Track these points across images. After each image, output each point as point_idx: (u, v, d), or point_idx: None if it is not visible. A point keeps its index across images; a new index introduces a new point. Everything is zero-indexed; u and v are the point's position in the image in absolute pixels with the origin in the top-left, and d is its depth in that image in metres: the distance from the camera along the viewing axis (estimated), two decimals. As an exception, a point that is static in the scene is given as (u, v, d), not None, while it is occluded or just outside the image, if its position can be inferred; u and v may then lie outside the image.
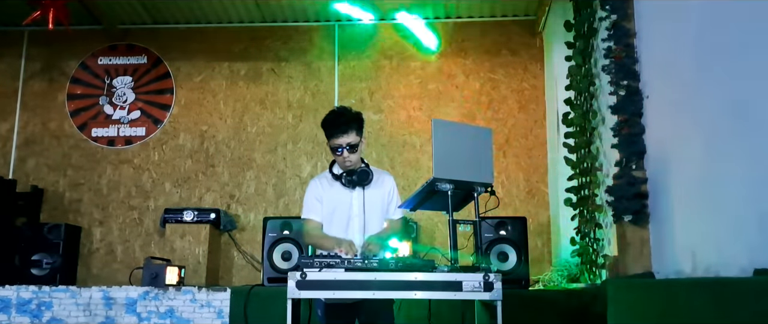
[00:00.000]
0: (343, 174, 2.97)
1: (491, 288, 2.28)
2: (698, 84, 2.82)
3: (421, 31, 5.84)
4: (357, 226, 2.93)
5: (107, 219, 5.76)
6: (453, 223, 2.50)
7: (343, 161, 2.95)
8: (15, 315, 4.04)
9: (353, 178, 2.95)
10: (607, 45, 3.67)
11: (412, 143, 5.72)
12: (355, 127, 2.95)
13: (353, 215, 2.95)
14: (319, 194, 3.00)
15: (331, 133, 2.93)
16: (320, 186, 3.02)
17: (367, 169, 2.98)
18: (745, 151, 2.39)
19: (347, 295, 2.35)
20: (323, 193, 3.00)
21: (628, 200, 3.38)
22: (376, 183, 3.00)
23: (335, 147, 2.91)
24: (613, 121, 3.60)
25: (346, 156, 2.92)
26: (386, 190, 3.04)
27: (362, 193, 2.97)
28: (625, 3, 3.66)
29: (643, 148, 3.42)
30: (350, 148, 2.91)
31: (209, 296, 4.00)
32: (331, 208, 2.97)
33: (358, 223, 2.94)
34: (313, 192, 3.03)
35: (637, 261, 3.35)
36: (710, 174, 2.70)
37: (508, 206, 5.45)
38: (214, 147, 5.86)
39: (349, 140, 2.91)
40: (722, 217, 2.57)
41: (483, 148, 2.62)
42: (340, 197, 2.98)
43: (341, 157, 2.93)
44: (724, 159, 2.57)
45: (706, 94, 2.74)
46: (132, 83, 6.04)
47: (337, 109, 3.04)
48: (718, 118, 2.63)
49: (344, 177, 2.96)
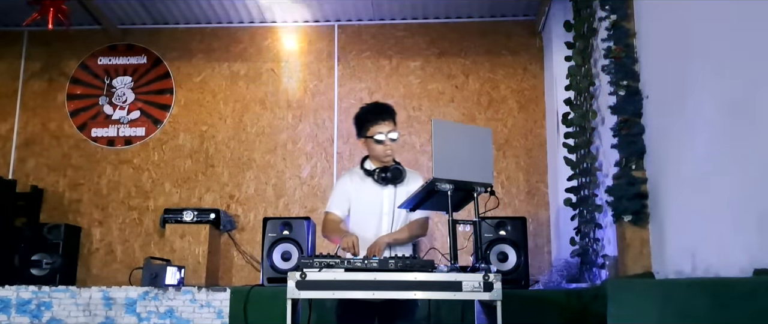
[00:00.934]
0: (376, 170, 2.94)
1: (491, 288, 2.28)
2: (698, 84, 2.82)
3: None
4: (386, 224, 2.90)
5: (107, 219, 5.76)
6: (453, 223, 2.50)
7: (383, 150, 2.90)
8: (15, 315, 4.04)
9: (387, 175, 2.90)
10: (607, 45, 3.67)
11: (412, 143, 5.72)
12: (395, 116, 2.95)
13: (384, 213, 2.92)
14: (349, 190, 2.96)
15: (376, 119, 2.91)
16: (351, 181, 2.98)
17: (401, 167, 2.95)
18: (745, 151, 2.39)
19: (347, 294, 2.35)
20: (354, 188, 2.96)
21: (628, 200, 3.38)
22: (408, 182, 2.96)
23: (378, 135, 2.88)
24: (613, 121, 3.60)
25: (387, 144, 2.89)
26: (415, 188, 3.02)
27: (394, 191, 2.92)
28: (625, 3, 3.66)
29: (643, 148, 3.42)
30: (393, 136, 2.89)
31: (209, 296, 3.99)
32: (361, 204, 2.93)
33: (387, 221, 2.91)
34: (342, 187, 2.99)
35: (637, 261, 3.35)
36: (710, 174, 2.69)
37: (508, 206, 5.45)
38: (213, 147, 5.86)
39: (390, 127, 2.89)
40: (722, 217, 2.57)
41: (483, 148, 2.62)
42: (371, 194, 2.93)
43: (382, 146, 2.89)
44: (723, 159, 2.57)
45: (706, 94, 2.74)
46: (132, 83, 6.04)
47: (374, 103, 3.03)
48: (717, 118, 2.63)
49: (377, 173, 2.92)
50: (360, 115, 2.99)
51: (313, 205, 5.65)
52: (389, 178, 2.90)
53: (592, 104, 4.26)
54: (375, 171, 2.93)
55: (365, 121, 2.96)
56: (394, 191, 2.93)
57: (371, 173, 2.94)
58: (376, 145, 2.92)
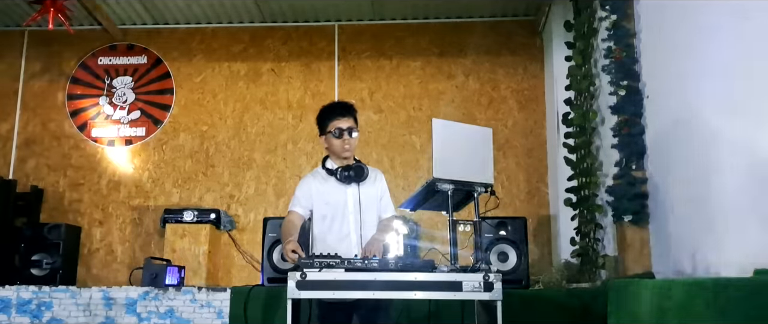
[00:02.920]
0: (338, 169, 2.93)
1: (491, 288, 2.28)
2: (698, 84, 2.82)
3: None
4: (353, 223, 2.88)
5: (107, 219, 5.76)
6: (453, 223, 2.50)
7: (342, 145, 2.89)
8: (15, 315, 4.04)
9: (349, 173, 2.88)
10: (607, 45, 3.68)
11: (412, 143, 5.72)
12: (355, 114, 2.95)
13: (349, 212, 2.90)
14: (311, 189, 2.93)
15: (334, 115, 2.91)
16: (314, 180, 2.96)
17: (362, 165, 2.93)
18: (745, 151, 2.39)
19: (348, 295, 2.35)
20: (316, 188, 2.93)
21: (628, 200, 3.39)
22: (370, 179, 2.94)
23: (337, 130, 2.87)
24: (613, 121, 3.60)
25: (346, 139, 2.89)
26: (379, 186, 2.99)
27: (357, 189, 2.90)
28: (625, 3, 3.66)
29: (643, 148, 3.43)
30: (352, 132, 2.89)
31: (209, 296, 3.99)
32: (325, 204, 2.90)
33: (355, 220, 2.88)
34: (304, 186, 2.96)
35: (637, 261, 3.36)
36: (710, 174, 2.70)
37: (508, 206, 5.44)
38: (214, 147, 5.86)
39: (350, 124, 2.90)
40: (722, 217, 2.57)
41: (483, 148, 2.62)
42: (334, 193, 2.91)
43: (342, 141, 2.88)
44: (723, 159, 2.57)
45: (706, 94, 2.74)
46: (132, 83, 6.04)
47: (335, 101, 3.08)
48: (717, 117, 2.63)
49: (340, 172, 2.90)
50: (321, 113, 3.00)
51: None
52: (352, 176, 2.89)
53: (592, 104, 4.26)
54: (337, 170, 2.92)
55: (325, 117, 2.96)
56: (358, 189, 2.91)
57: (334, 172, 2.93)
58: (334, 140, 2.91)
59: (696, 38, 2.84)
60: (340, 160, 2.96)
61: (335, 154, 2.96)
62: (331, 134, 2.91)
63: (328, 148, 3.00)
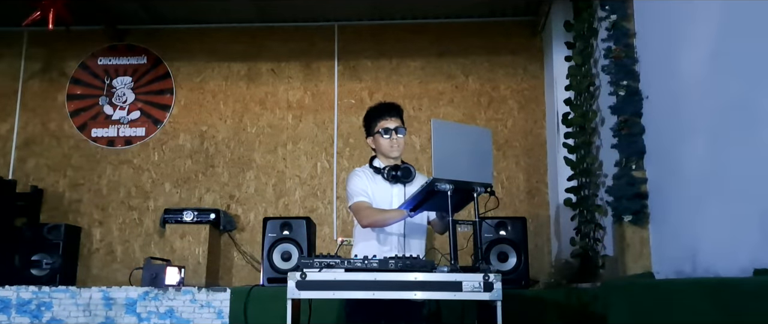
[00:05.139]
0: (386, 168, 2.94)
1: (491, 288, 2.28)
2: (698, 84, 2.82)
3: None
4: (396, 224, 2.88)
5: (107, 219, 5.76)
6: (453, 223, 2.50)
7: (390, 144, 2.94)
8: (15, 315, 4.04)
9: (397, 173, 2.92)
10: (607, 45, 3.68)
11: (412, 143, 5.72)
12: (402, 114, 3.03)
13: None
14: (364, 183, 2.95)
15: (381, 116, 2.97)
16: (364, 176, 2.98)
17: (410, 166, 2.95)
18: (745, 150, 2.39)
19: (348, 295, 2.35)
20: (367, 184, 2.95)
21: (628, 200, 3.39)
22: (417, 181, 2.95)
23: (385, 130, 2.93)
24: (613, 121, 3.60)
25: (394, 138, 2.92)
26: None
27: (403, 190, 2.92)
28: (625, 3, 3.67)
29: (643, 148, 3.43)
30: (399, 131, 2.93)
31: (209, 296, 4.00)
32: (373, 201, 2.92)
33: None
34: (358, 181, 2.96)
35: (637, 261, 3.36)
36: (710, 174, 2.70)
37: (508, 206, 5.44)
38: (214, 147, 5.86)
39: (397, 124, 2.95)
40: (722, 217, 2.57)
41: (483, 149, 2.62)
42: (380, 192, 2.94)
43: (390, 140, 2.93)
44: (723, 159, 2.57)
45: (706, 94, 2.74)
46: (132, 83, 6.04)
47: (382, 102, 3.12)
48: (718, 117, 2.63)
49: (387, 171, 2.93)
50: (368, 113, 3.06)
51: (313, 206, 5.65)
52: (399, 176, 2.91)
53: (592, 104, 4.27)
54: (385, 169, 2.94)
55: (372, 118, 3.01)
56: (404, 190, 2.92)
57: (381, 171, 2.94)
58: (382, 140, 2.95)
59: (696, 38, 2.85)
60: (387, 160, 2.99)
61: (383, 154, 3.00)
62: (378, 134, 2.96)
63: (375, 149, 3.05)
